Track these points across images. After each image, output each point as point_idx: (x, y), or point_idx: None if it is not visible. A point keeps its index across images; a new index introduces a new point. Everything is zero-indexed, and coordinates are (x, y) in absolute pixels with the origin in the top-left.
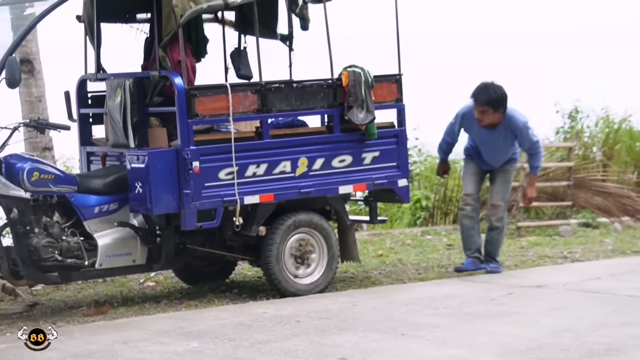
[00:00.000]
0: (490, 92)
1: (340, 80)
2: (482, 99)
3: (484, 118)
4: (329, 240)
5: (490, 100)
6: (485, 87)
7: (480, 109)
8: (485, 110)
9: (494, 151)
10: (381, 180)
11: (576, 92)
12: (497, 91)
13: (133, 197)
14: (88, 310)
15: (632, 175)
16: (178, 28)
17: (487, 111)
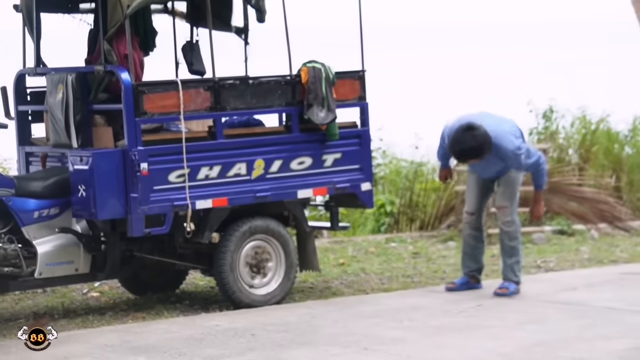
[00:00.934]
0: (467, 145)
1: (299, 76)
2: (464, 158)
3: (471, 163)
4: (287, 248)
5: (472, 153)
6: (461, 142)
7: (466, 163)
8: (472, 161)
9: (489, 173)
10: (343, 183)
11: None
12: (475, 139)
13: (76, 201)
14: (27, 323)
15: (610, 180)
16: (125, 19)
17: (474, 160)
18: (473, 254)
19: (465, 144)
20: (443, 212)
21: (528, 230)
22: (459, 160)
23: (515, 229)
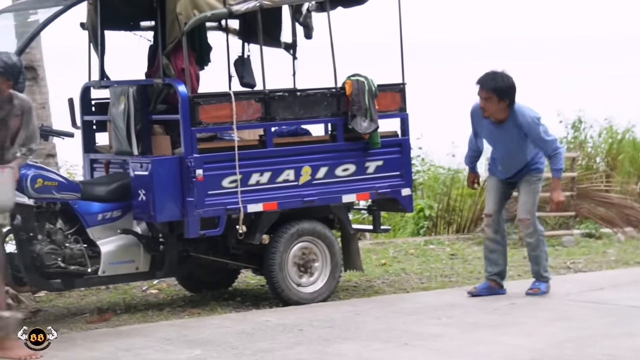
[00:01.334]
0: (497, 79)
1: (344, 89)
2: (488, 85)
3: (487, 107)
4: (332, 249)
5: (497, 88)
6: (492, 74)
7: (484, 96)
8: (490, 98)
9: (506, 152)
10: (384, 189)
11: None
12: (505, 79)
13: (136, 204)
14: (91, 318)
15: (635, 186)
16: (182, 36)
17: (492, 99)
18: (492, 258)
19: (494, 73)
20: (478, 216)
21: (558, 234)
22: (481, 86)
23: (537, 239)
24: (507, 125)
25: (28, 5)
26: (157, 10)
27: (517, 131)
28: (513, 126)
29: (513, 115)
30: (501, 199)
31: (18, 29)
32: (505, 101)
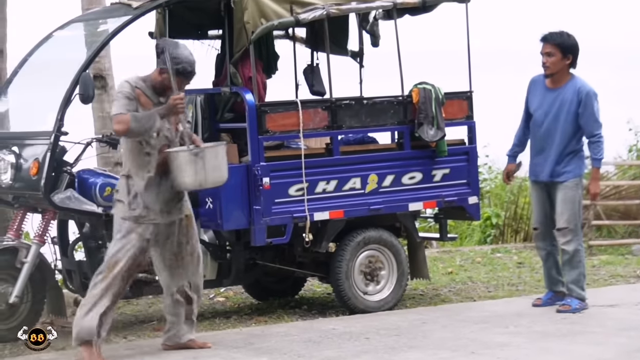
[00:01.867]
0: (563, 35)
1: (410, 97)
2: (553, 39)
3: (550, 63)
4: (399, 257)
5: (562, 42)
6: (559, 31)
7: (548, 50)
8: (553, 53)
9: (548, 127)
10: (451, 197)
11: None
12: (570, 37)
13: (203, 212)
14: (158, 325)
15: None
16: (249, 44)
17: (555, 55)
18: (545, 269)
19: (559, 31)
20: None
21: (627, 242)
22: (546, 40)
23: (575, 248)
24: (564, 91)
25: (97, 15)
26: (225, 19)
27: (570, 100)
28: (569, 92)
29: (573, 81)
30: (545, 208)
31: (88, 39)
32: (569, 58)
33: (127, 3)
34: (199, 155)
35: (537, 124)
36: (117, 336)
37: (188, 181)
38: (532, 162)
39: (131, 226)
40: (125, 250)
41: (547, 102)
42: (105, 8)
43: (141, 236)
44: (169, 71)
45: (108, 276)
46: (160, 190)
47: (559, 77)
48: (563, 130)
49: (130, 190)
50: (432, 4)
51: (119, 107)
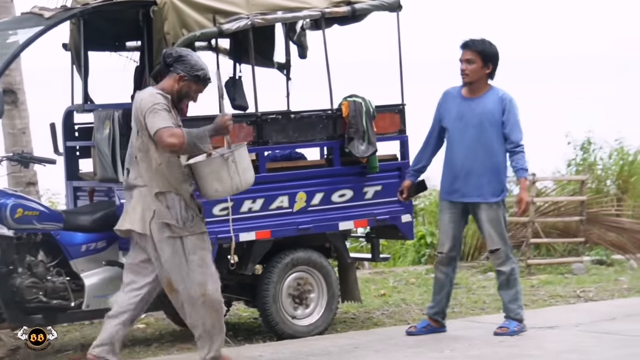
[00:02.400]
0: (485, 43)
1: (340, 110)
2: (475, 46)
3: (469, 70)
4: (329, 279)
5: (484, 50)
6: (480, 39)
7: (468, 57)
8: (473, 60)
9: (471, 144)
10: (383, 215)
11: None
12: (492, 45)
13: None
14: (74, 355)
15: None
16: None
17: (475, 61)
18: (438, 297)
19: (481, 38)
20: (482, 243)
21: (567, 261)
22: (467, 47)
23: (511, 268)
24: (484, 100)
25: (6, 25)
26: (144, 30)
27: (492, 109)
28: (490, 101)
29: (493, 90)
30: (455, 231)
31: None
32: (489, 67)
33: (39, 13)
34: (231, 159)
35: (456, 138)
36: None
37: (224, 187)
38: (448, 181)
39: (196, 242)
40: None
41: (466, 113)
42: (15, 18)
43: (209, 248)
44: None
45: (207, 300)
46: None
47: (477, 87)
48: (487, 142)
49: (173, 207)
50: (362, 14)
51: (164, 119)
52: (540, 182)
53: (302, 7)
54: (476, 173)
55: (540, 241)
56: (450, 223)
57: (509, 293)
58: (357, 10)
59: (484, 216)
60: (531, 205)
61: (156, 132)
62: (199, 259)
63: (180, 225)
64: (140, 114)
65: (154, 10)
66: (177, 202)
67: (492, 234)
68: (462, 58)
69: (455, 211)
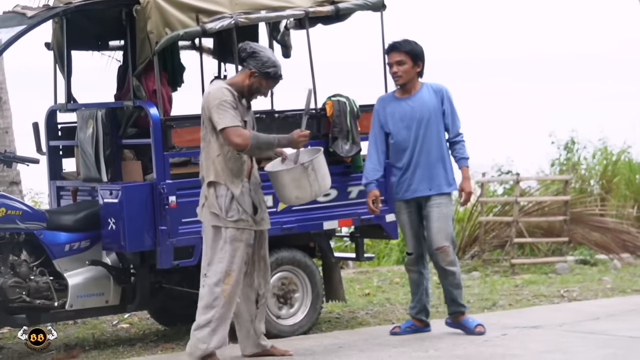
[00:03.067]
0: (411, 43)
1: (324, 110)
2: (403, 47)
3: (400, 70)
4: (313, 278)
5: (412, 50)
6: (405, 39)
7: (398, 59)
8: (404, 61)
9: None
10: (368, 215)
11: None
12: (418, 45)
13: (106, 234)
14: (58, 355)
15: (632, 210)
16: (153, 56)
17: (406, 62)
18: (417, 296)
19: (405, 39)
20: (467, 242)
21: (551, 260)
22: (395, 49)
23: (458, 269)
24: (419, 97)
25: None
26: (127, 29)
27: (429, 102)
28: (426, 96)
29: (425, 86)
30: (418, 231)
31: None
32: (419, 66)
33: (22, 12)
34: (310, 167)
35: (401, 139)
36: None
37: (304, 194)
38: (399, 182)
39: (234, 234)
40: (235, 259)
41: (406, 112)
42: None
43: (246, 243)
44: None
45: (226, 290)
46: (251, 199)
47: (410, 86)
48: (432, 135)
49: (221, 197)
50: (346, 13)
51: (232, 118)
52: (524, 182)
53: (285, 7)
54: (425, 166)
55: (524, 241)
56: (409, 222)
57: (459, 292)
58: (341, 9)
59: (435, 211)
60: (515, 205)
61: (224, 129)
62: (232, 249)
63: (223, 215)
64: (207, 107)
65: (136, 9)
66: (225, 194)
67: (440, 229)
68: (392, 61)
69: (411, 209)
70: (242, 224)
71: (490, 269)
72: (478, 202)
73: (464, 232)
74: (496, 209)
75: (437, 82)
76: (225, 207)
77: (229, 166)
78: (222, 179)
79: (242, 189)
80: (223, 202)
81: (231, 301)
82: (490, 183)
